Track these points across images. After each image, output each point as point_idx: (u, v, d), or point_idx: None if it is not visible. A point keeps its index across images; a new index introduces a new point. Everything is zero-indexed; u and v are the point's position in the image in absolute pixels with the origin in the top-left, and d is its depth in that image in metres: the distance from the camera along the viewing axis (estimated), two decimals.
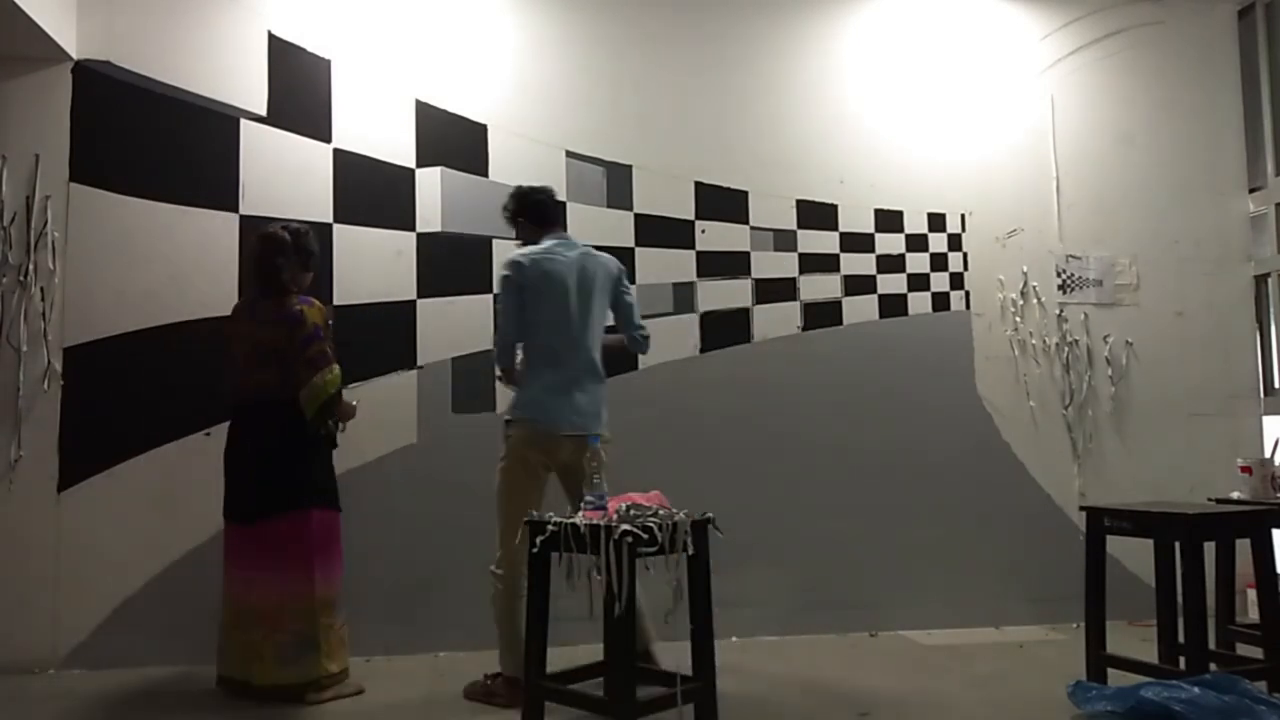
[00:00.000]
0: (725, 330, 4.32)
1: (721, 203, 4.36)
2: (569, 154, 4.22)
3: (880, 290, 4.49)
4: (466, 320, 4.06)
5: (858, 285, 4.47)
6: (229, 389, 3.39)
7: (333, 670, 3.20)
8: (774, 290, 4.38)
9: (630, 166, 4.28)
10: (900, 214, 4.53)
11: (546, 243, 3.30)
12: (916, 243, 4.53)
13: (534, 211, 3.40)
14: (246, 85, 3.92)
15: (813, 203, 4.45)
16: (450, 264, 4.07)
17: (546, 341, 3.23)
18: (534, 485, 3.18)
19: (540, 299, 3.21)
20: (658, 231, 4.29)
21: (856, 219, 4.49)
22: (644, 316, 4.19)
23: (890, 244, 4.52)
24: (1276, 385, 4.78)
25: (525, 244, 3.36)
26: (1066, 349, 4.62)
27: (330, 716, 3.05)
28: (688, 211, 4.33)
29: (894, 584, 4.27)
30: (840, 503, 4.26)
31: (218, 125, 3.88)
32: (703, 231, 4.34)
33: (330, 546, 3.30)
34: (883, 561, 4.27)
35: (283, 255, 3.30)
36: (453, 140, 4.11)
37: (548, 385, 3.20)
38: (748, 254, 4.38)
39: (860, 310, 4.45)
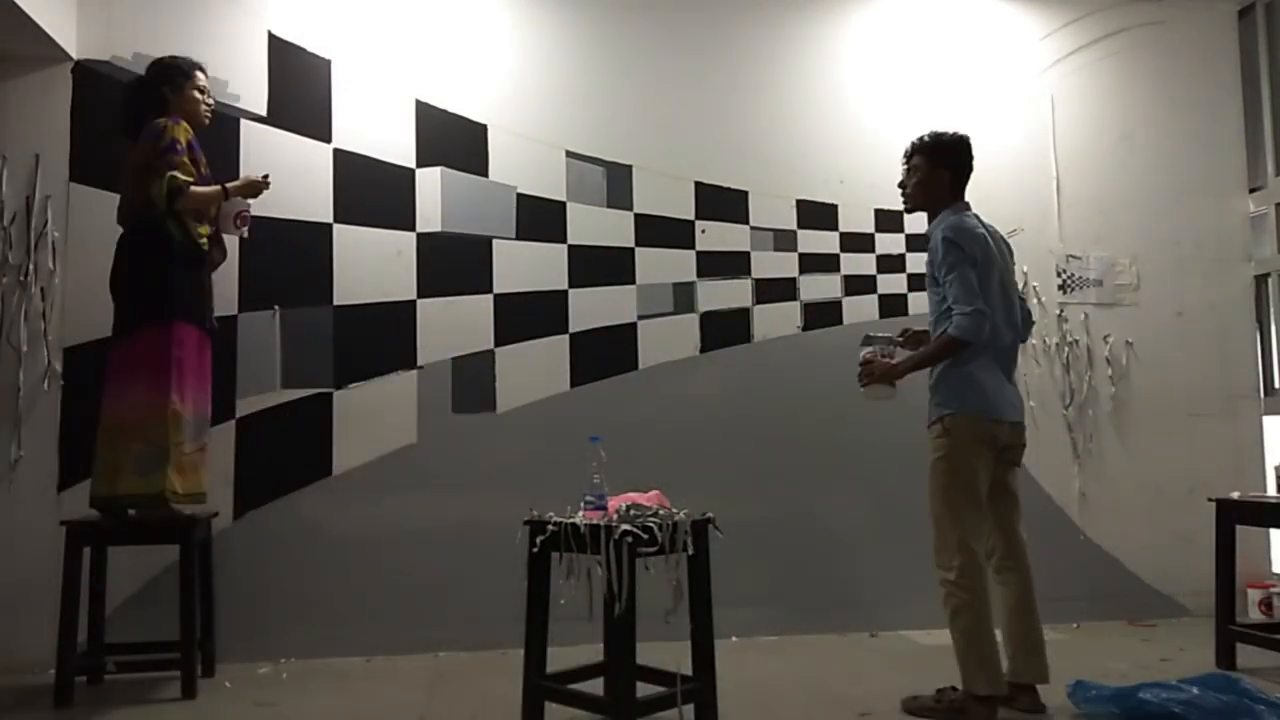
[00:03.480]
0: (725, 330, 4.32)
1: (721, 203, 4.36)
2: (569, 154, 4.22)
3: (880, 290, 4.49)
4: (466, 320, 4.06)
5: (858, 285, 4.47)
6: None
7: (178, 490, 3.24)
8: (774, 290, 4.38)
9: (630, 166, 4.28)
10: (900, 214, 4.52)
11: (970, 216, 3.02)
12: (917, 243, 4.53)
13: (959, 167, 3.06)
14: (246, 85, 3.92)
15: (813, 203, 4.45)
16: (450, 264, 4.07)
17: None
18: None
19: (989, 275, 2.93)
20: (658, 231, 4.29)
21: (856, 219, 4.49)
22: (643, 317, 4.25)
23: (890, 244, 4.52)
24: (1276, 385, 4.78)
25: (915, 209, 3.15)
26: (1066, 349, 4.62)
27: (324, 717, 3.06)
28: (688, 211, 4.33)
29: (894, 584, 4.27)
30: (841, 502, 4.26)
31: (218, 125, 3.88)
32: (703, 231, 4.34)
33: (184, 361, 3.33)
34: (883, 561, 4.26)
35: (133, 102, 3.43)
36: (453, 140, 4.11)
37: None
38: (748, 254, 4.38)
39: (860, 310, 4.45)
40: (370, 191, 4.02)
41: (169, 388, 3.24)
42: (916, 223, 4.54)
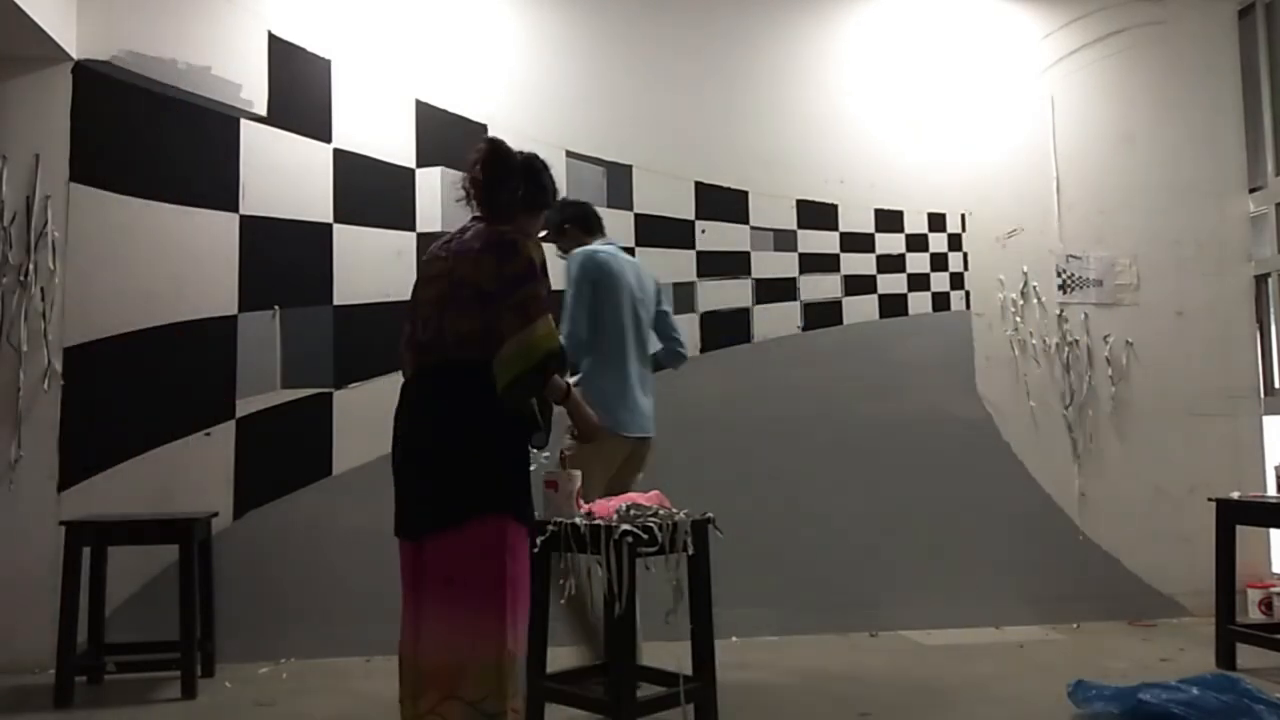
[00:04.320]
0: (725, 330, 4.32)
1: (721, 203, 4.36)
2: (569, 154, 4.22)
3: (880, 290, 4.48)
4: None
5: (858, 285, 4.47)
6: (402, 355, 2.56)
7: None
8: (774, 290, 4.38)
9: (630, 166, 4.28)
10: (900, 214, 4.53)
11: (602, 244, 3.22)
12: (916, 243, 4.53)
13: (582, 221, 3.30)
14: (247, 85, 3.92)
15: (813, 203, 4.45)
16: None
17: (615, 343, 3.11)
18: None
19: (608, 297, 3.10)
20: (658, 231, 4.29)
21: (856, 219, 4.49)
22: None
23: (890, 244, 4.52)
24: (1276, 385, 4.78)
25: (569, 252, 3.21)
26: (1066, 349, 4.62)
27: (324, 717, 3.05)
28: (688, 211, 4.33)
29: (894, 584, 4.27)
30: (840, 502, 4.26)
31: (218, 125, 3.88)
32: (703, 231, 4.34)
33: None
34: (883, 561, 4.27)
35: (511, 174, 2.55)
36: (453, 140, 4.10)
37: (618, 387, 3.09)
38: (748, 254, 4.37)
39: (860, 310, 4.45)
40: (370, 191, 4.02)
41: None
42: (917, 223, 4.56)
